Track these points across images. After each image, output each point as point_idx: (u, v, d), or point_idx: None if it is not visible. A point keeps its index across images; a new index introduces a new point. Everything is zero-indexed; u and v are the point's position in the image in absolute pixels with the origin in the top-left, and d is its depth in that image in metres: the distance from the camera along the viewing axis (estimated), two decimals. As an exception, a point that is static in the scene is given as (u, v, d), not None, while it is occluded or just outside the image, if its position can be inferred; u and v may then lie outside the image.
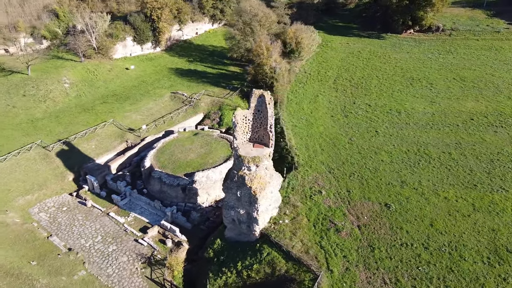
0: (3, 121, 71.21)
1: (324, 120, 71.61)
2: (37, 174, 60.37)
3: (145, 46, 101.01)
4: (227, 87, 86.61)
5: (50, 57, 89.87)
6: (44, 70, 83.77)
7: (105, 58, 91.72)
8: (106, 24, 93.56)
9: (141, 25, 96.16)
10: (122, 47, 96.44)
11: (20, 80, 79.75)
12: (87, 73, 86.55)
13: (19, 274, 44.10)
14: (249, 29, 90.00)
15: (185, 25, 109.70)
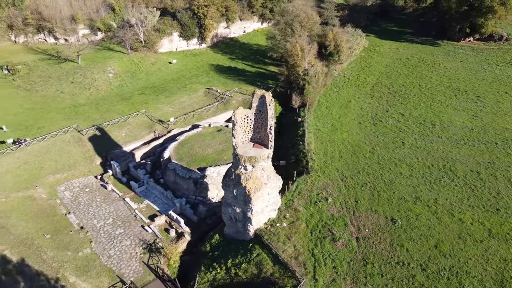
0: (50, 104, 77.66)
1: (350, 127, 69.64)
2: (69, 156, 65.20)
3: (190, 42, 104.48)
4: (262, 86, 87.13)
5: (102, 48, 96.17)
6: (93, 60, 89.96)
7: (151, 52, 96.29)
8: (155, 19, 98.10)
9: (187, 21, 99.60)
10: (168, 42, 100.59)
11: (71, 68, 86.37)
12: (131, 65, 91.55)
13: (31, 245, 48.24)
14: (290, 30, 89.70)
15: (232, 23, 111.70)
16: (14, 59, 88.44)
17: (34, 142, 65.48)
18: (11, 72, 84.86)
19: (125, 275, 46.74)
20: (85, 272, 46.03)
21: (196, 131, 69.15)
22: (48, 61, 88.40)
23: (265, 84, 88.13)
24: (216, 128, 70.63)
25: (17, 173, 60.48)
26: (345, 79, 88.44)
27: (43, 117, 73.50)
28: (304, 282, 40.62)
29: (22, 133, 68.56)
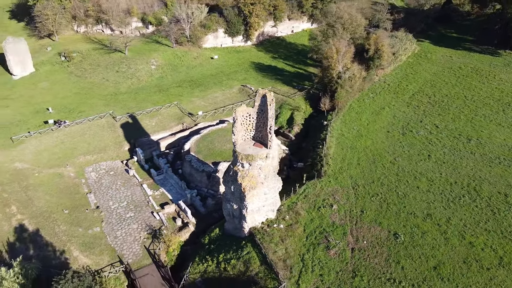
0: (94, 91, 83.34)
1: (376, 134, 67.06)
2: (101, 139, 69.68)
3: (236, 39, 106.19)
4: (297, 87, 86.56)
5: (151, 40, 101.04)
6: (139, 52, 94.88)
7: (195, 46, 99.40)
8: (203, 15, 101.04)
9: (233, 18, 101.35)
10: (213, 38, 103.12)
11: (118, 58, 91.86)
12: (174, 58, 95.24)
13: (48, 217, 52.50)
14: (331, 31, 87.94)
15: (280, 22, 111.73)
16: (71, 47, 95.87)
17: (72, 124, 70.76)
18: (67, 59, 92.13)
19: (125, 256, 49.28)
20: (89, 249, 49.20)
21: (220, 126, 70.55)
22: (100, 50, 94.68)
23: (301, 85, 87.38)
24: (240, 124, 71.27)
25: (53, 151, 65.80)
26: (385, 85, 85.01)
27: (85, 102, 79.09)
28: (285, 286, 40.23)
29: (64, 115, 74.37)
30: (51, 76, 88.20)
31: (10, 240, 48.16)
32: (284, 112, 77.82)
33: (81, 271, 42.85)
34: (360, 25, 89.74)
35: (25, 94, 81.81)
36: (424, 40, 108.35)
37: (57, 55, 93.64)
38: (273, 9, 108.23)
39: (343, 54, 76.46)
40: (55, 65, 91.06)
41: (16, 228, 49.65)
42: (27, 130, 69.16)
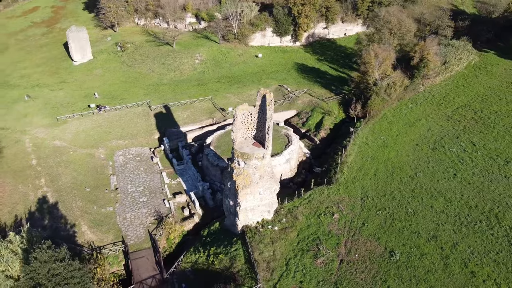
0: (139, 81, 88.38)
1: (403, 147, 63.73)
2: (134, 126, 73.92)
3: (284, 38, 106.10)
4: (334, 91, 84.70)
5: (201, 36, 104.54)
6: (186, 46, 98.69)
7: (241, 44, 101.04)
8: (252, 14, 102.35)
9: (282, 18, 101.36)
10: (261, 36, 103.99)
11: (166, 51, 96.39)
12: (219, 54, 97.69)
13: (69, 193, 57.14)
14: (377, 36, 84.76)
15: (332, 24, 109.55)
16: (128, 39, 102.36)
17: (111, 110, 75.86)
18: (122, 49, 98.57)
19: (128, 237, 52.20)
20: (97, 226, 52.83)
21: (246, 124, 71.28)
22: (152, 42, 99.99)
23: (339, 89, 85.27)
24: (266, 124, 71.59)
25: (90, 133, 71.14)
26: (429, 96, 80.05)
27: (128, 90, 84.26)
28: (261, 287, 40.24)
29: (107, 101, 79.90)
30: (106, 64, 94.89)
31: (32, 209, 53.26)
32: (315, 115, 76.67)
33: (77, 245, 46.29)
34: (409, 31, 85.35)
35: (80, 79, 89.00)
36: (489, 50, 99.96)
37: (114, 45, 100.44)
38: (325, 11, 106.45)
39: (382, 60, 73.42)
40: (111, 54, 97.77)
41: (39, 199, 54.75)
42: (72, 111, 75.34)
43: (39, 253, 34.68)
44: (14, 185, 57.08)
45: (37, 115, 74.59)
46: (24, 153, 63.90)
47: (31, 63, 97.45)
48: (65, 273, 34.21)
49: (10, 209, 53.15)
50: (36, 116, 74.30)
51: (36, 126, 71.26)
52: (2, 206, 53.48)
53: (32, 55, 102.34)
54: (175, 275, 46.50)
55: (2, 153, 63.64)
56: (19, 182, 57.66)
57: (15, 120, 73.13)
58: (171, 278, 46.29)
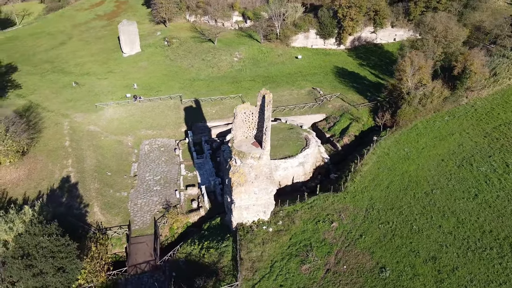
0: (178, 74, 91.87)
1: (427, 161, 60.30)
2: (164, 118, 77.14)
3: (328, 41, 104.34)
4: (369, 97, 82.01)
5: (245, 34, 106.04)
6: (228, 43, 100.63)
7: (282, 44, 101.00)
8: (297, 15, 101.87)
9: (327, 20, 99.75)
10: (303, 38, 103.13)
11: (208, 47, 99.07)
12: (258, 53, 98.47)
13: (91, 176, 61.09)
14: (420, 43, 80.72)
15: (381, 28, 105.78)
16: (175, 34, 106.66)
17: (145, 101, 79.74)
18: (168, 44, 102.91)
19: (134, 222, 54.86)
20: (109, 208, 56.08)
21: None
22: (196, 39, 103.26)
23: (375, 96, 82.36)
24: (289, 125, 71.39)
25: (122, 121, 75.41)
26: (471, 110, 74.65)
27: (166, 83, 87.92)
28: (238, 285, 40.54)
29: (145, 92, 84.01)
30: (151, 57, 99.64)
31: (54, 186, 57.78)
32: (343, 121, 74.86)
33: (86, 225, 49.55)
34: (456, 39, 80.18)
35: (125, 70, 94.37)
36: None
37: (162, 40, 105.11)
38: (373, 14, 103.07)
39: (417, 68, 69.88)
40: (157, 48, 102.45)
41: (63, 178, 59.22)
42: (110, 100, 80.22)
43: (30, 227, 37.84)
44: (45, 163, 62.18)
45: (79, 101, 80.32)
46: (60, 135, 69.20)
47: (87, 53, 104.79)
48: (51, 247, 37.06)
49: (36, 184, 58.06)
50: (78, 101, 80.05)
51: (77, 111, 76.80)
52: (30, 181, 58.58)
53: (90, 45, 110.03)
54: (168, 263, 48.12)
55: (41, 133, 69.41)
56: (49, 160, 62.70)
57: (60, 103, 79.33)
58: (164, 265, 48.02)
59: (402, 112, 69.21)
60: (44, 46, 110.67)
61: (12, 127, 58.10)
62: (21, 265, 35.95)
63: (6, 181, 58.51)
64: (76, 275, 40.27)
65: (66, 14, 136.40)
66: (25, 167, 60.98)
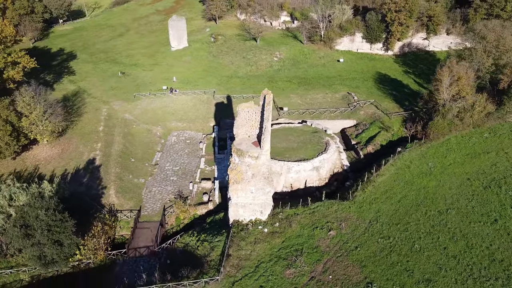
0: (218, 71, 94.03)
1: (450, 178, 56.42)
2: (195, 111, 79.59)
3: (374, 46, 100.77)
4: (405, 106, 78.24)
5: (290, 35, 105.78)
6: (270, 43, 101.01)
7: (326, 47, 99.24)
8: (344, 17, 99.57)
9: (374, 24, 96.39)
10: (349, 41, 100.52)
11: (250, 46, 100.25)
12: (299, 54, 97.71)
13: (115, 160, 64.74)
14: (468, 52, 75.49)
15: (435, 35, 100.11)
16: (222, 31, 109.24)
17: (180, 94, 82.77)
18: (214, 40, 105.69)
19: (145, 208, 57.49)
20: (124, 192, 59.22)
21: (293, 126, 71.19)
22: (240, 37, 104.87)
23: (413, 106, 78.26)
24: (314, 129, 70.42)
25: (156, 112, 78.96)
26: (517, 128, 68.58)
27: (204, 78, 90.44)
28: (217, 280, 41.15)
29: (182, 85, 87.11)
30: (196, 52, 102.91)
31: (80, 166, 62.24)
32: (371, 128, 72.28)
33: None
34: (510, 50, 73.76)
35: (169, 63, 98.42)
36: None
37: (209, 36, 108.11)
38: (427, 20, 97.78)
39: (456, 79, 65.53)
40: (203, 44, 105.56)
41: (89, 160, 63.55)
42: (149, 91, 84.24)
43: (32, 200, 41.33)
44: (77, 144, 67.10)
45: (121, 89, 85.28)
46: (97, 120, 74.10)
47: (139, 45, 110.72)
48: (48, 220, 40.19)
49: (65, 163, 62.89)
50: (120, 90, 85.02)
51: (117, 99, 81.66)
52: (60, 160, 63.58)
53: (144, 38, 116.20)
54: (166, 251, 49.90)
55: (81, 117, 74.89)
56: (81, 142, 67.53)
57: (104, 91, 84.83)
58: (162, 252, 49.85)
59: (433, 125, 65.24)
60: (104, 37, 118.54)
61: (50, 110, 63.11)
62: (19, 233, 39.54)
63: (40, 158, 63.98)
64: (73, 250, 43.30)
65: (130, 8, 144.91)
66: (59, 147, 66.22)
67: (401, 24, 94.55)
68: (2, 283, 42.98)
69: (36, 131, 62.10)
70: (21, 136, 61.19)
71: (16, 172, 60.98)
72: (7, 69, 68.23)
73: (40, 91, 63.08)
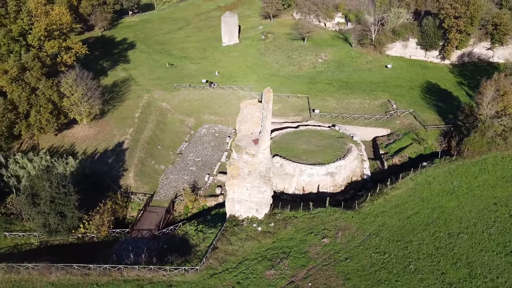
0: (261, 68, 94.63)
1: (474, 201, 51.82)
2: (229, 106, 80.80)
3: (430, 53, 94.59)
4: (448, 120, 72.89)
5: (341, 37, 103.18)
6: (317, 44, 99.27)
7: (375, 51, 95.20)
8: (399, 21, 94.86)
9: (430, 30, 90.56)
10: (401, 46, 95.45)
11: (297, 45, 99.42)
12: (346, 57, 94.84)
13: (142, 145, 68.25)
14: (526, 66, 68.40)
15: (501, 45, 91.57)
16: (274, 29, 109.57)
17: (217, 88, 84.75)
18: (264, 38, 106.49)
19: (158, 193, 60.05)
20: (141, 176, 62.31)
21: (319, 129, 69.84)
22: (290, 36, 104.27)
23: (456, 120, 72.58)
24: (341, 134, 68.44)
25: (192, 103, 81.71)
26: None
27: (246, 74, 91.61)
28: (197, 270, 41.99)
29: (223, 80, 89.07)
30: (245, 49, 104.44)
31: (109, 148, 66.56)
32: (403, 140, 68.47)
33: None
34: None
35: (217, 58, 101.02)
36: None
37: (260, 34, 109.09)
38: (492, 28, 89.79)
39: (501, 94, 59.85)
40: (253, 41, 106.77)
41: (118, 142, 67.71)
42: (190, 83, 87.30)
43: (40, 172, 45.27)
44: (112, 127, 71.78)
45: (165, 79, 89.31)
46: (136, 107, 78.53)
47: (194, 39, 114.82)
48: (51, 192, 43.74)
49: (97, 144, 67.68)
50: (164, 80, 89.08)
51: (159, 88, 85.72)
52: (94, 140, 68.53)
53: (200, 32, 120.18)
54: (166, 236, 51.82)
55: (123, 103, 79.86)
56: (116, 126, 72.10)
57: (150, 80, 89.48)
58: (162, 237, 51.84)
59: (469, 141, 60.11)
60: (164, 30, 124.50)
61: (89, 93, 68.17)
62: (27, 201, 43.66)
63: (78, 136, 69.49)
64: (75, 222, 46.73)
65: (195, 3, 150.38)
66: (96, 128, 71.38)
67: (460, 32, 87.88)
68: (15, 244, 47.75)
69: (75, 111, 67.41)
70: (62, 115, 66.81)
71: (54, 147, 66.83)
72: (61, 53, 74.58)
73: (82, 75, 68.17)
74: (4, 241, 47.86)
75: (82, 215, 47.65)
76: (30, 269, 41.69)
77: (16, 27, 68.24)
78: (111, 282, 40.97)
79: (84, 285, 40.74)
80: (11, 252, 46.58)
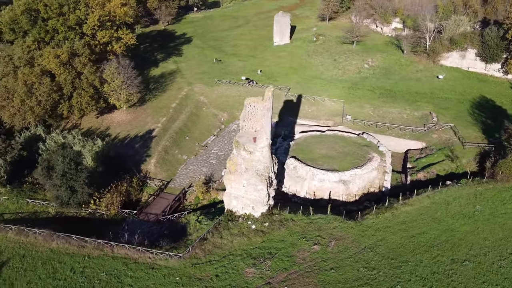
0: (305, 70, 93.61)
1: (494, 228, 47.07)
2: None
3: (490, 66, 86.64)
4: (491, 139, 66.70)
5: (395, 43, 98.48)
6: (367, 49, 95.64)
7: (429, 60, 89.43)
8: (459, 29, 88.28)
9: (492, 40, 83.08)
10: (458, 57, 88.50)
11: (345, 49, 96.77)
12: (395, 64, 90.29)
13: (170, 134, 71.16)
14: None
15: None
16: (327, 32, 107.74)
17: (256, 86, 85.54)
18: (315, 40, 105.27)
19: (174, 181, 62.45)
20: (162, 164, 65.11)
21: (346, 135, 67.87)
22: (340, 39, 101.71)
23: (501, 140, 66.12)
24: (367, 143, 65.91)
25: (228, 99, 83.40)
26: None
27: (288, 75, 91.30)
28: (180, 257, 43.24)
29: (264, 78, 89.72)
30: (294, 49, 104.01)
31: (139, 134, 70.38)
32: (436, 155, 63.98)
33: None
34: None
35: (264, 57, 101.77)
36: None
37: (313, 35, 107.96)
38: None
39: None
40: (304, 42, 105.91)
41: (148, 130, 71.29)
42: (231, 79, 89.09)
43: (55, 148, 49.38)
44: (147, 115, 75.81)
45: (209, 74, 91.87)
46: (174, 98, 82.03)
47: (248, 37, 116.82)
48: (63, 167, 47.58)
49: (130, 129, 71.95)
50: (207, 75, 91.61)
51: (200, 82, 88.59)
52: (128, 125, 72.97)
53: (256, 31, 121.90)
54: (170, 222, 53.85)
55: (164, 93, 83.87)
56: (151, 114, 76.01)
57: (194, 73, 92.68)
58: (166, 222, 53.94)
59: (504, 164, 54.61)
60: (223, 27, 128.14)
61: (128, 81, 72.63)
62: (41, 172, 48.00)
63: (115, 121, 74.43)
64: (85, 198, 50.36)
65: (258, 2, 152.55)
66: (133, 115, 75.89)
67: (526, 44, 79.73)
68: (35, 210, 52.73)
69: (114, 97, 72.20)
70: (102, 99, 71.99)
71: (92, 128, 72.28)
72: (111, 43, 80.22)
73: (124, 64, 72.79)
74: (26, 207, 53.07)
75: (92, 191, 51.20)
76: (37, 234, 45.77)
77: (74, 17, 74.58)
78: (101, 256, 43.67)
79: (78, 255, 43.88)
80: (30, 217, 51.55)
